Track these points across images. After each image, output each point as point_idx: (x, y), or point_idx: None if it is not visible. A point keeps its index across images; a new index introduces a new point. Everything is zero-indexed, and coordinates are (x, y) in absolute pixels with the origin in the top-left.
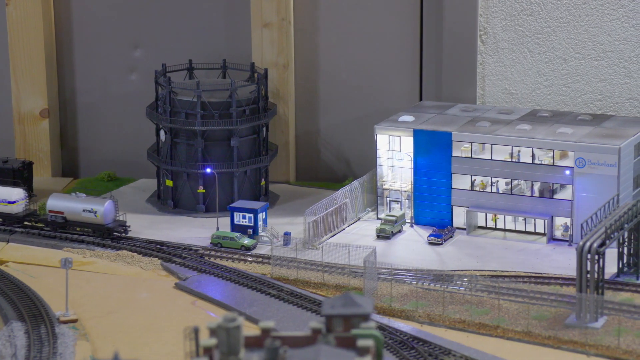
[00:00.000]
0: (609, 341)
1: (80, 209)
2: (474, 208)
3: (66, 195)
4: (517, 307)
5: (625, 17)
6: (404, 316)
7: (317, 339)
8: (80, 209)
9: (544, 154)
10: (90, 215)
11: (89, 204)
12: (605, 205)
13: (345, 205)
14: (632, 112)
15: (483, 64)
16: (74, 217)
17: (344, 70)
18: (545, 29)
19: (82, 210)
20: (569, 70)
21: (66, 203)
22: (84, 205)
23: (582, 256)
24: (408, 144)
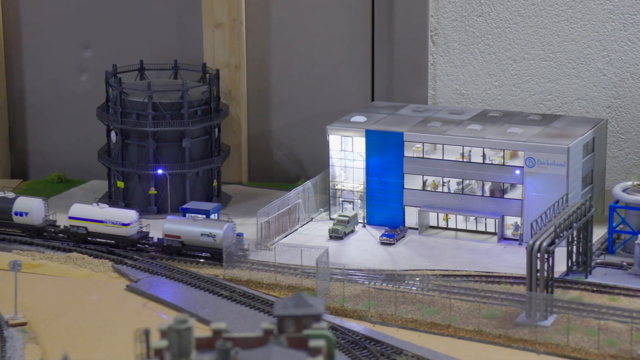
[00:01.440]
0: (559, 339)
1: (198, 233)
2: (425, 208)
3: (182, 219)
4: (468, 306)
5: (574, 18)
6: (356, 316)
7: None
8: (199, 232)
9: (495, 154)
10: (208, 240)
11: (207, 227)
12: (555, 204)
13: (298, 206)
14: (581, 112)
15: (434, 64)
16: (191, 242)
17: (296, 70)
18: (495, 30)
19: (200, 235)
20: (519, 71)
21: (184, 227)
22: (203, 229)
23: (532, 255)
24: (360, 145)
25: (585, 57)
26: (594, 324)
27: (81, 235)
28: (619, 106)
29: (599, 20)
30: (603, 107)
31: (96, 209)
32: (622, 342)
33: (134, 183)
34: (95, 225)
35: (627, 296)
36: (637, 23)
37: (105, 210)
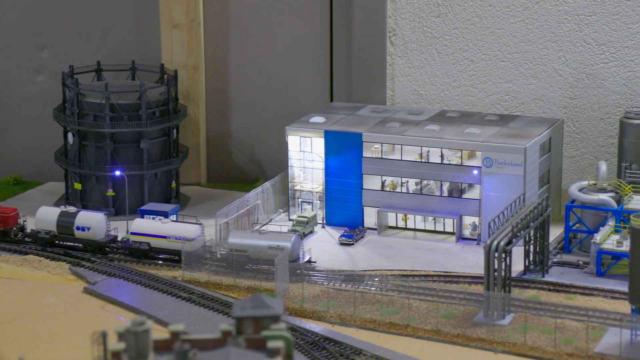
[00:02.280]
0: (516, 338)
1: (265, 246)
2: (384, 208)
3: (247, 232)
4: (426, 306)
5: (530, 19)
6: (315, 317)
7: (227, 341)
8: (266, 246)
9: (453, 154)
10: (276, 253)
11: (274, 240)
12: (512, 204)
13: (257, 207)
14: (538, 112)
15: (392, 65)
16: (257, 255)
17: (255, 71)
18: (453, 31)
19: (267, 247)
20: (476, 72)
21: (250, 241)
22: (270, 242)
23: (490, 255)
24: (319, 145)
25: (542, 57)
26: (550, 322)
27: (143, 251)
28: (574, 106)
29: (555, 21)
30: (559, 108)
31: (159, 224)
32: (578, 341)
33: (92, 185)
34: (158, 240)
35: (583, 295)
36: (593, 24)
37: (169, 225)
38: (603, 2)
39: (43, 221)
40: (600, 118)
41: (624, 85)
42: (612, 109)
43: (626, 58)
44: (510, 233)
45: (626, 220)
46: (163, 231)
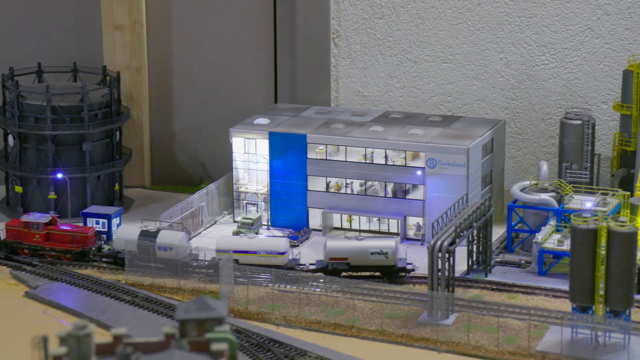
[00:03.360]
0: (459, 337)
1: (367, 252)
2: (329, 209)
3: (345, 239)
4: (371, 306)
5: (472, 21)
6: (260, 318)
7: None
8: (368, 251)
9: (397, 155)
10: (379, 258)
11: (377, 244)
12: (455, 204)
13: (202, 209)
14: (480, 113)
15: (337, 66)
16: (359, 262)
17: (199, 73)
18: (396, 32)
19: (370, 253)
20: (420, 73)
21: (350, 247)
22: (372, 247)
23: (433, 255)
24: (263, 147)
25: (484, 59)
26: (493, 321)
27: None
28: (516, 107)
29: (497, 23)
30: (501, 108)
31: (245, 240)
32: (520, 339)
33: (33, 187)
34: (248, 257)
35: (525, 294)
36: (533, 26)
37: (256, 240)
38: (543, 4)
39: (123, 241)
40: (541, 119)
41: (564, 86)
42: (553, 110)
43: (566, 59)
44: (453, 233)
45: (567, 220)
46: (252, 246)
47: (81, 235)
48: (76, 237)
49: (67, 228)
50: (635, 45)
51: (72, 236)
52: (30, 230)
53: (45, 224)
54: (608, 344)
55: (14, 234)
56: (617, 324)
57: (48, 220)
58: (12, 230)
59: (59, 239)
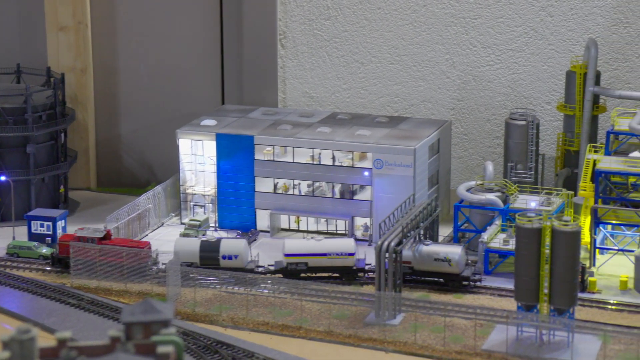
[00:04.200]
0: (406, 337)
1: (431, 258)
2: (277, 211)
3: None
4: (319, 307)
5: (418, 22)
6: (207, 320)
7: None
8: (432, 257)
9: (344, 156)
10: (442, 264)
11: (442, 251)
12: (402, 204)
13: (148, 211)
14: (426, 113)
15: (284, 67)
16: (423, 267)
17: (145, 74)
18: (343, 34)
19: (433, 259)
20: (367, 74)
21: (414, 252)
22: (436, 254)
23: (381, 255)
24: (211, 148)
25: (430, 60)
26: (440, 321)
27: (300, 271)
28: (462, 108)
29: (442, 25)
30: (447, 109)
31: (314, 242)
32: (466, 338)
33: None
34: (317, 259)
35: (472, 293)
36: (478, 27)
37: (324, 242)
38: (488, 6)
39: (183, 253)
40: (486, 119)
41: (508, 87)
42: (498, 110)
43: (510, 60)
44: (400, 233)
45: (512, 219)
46: (321, 249)
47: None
48: (132, 252)
49: (122, 241)
50: (577, 47)
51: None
52: None
53: (99, 238)
54: (552, 342)
55: (67, 249)
56: (561, 322)
57: (103, 235)
58: (66, 246)
59: (112, 254)
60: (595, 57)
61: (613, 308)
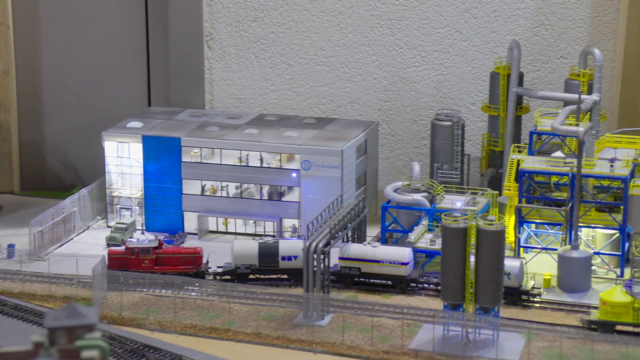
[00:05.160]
0: (335, 338)
1: None
2: (205, 213)
3: None
4: (247, 309)
5: (344, 24)
6: (134, 324)
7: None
8: None
9: (272, 158)
10: None
11: None
12: (330, 205)
13: (74, 214)
14: (354, 115)
15: (211, 69)
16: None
17: (69, 76)
18: (270, 35)
19: None
20: (294, 75)
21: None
22: None
23: (309, 256)
24: (137, 151)
25: (357, 61)
26: (367, 321)
27: (354, 276)
28: (389, 109)
29: (368, 26)
30: (374, 110)
31: (369, 248)
32: (394, 338)
33: None
34: (370, 265)
35: (399, 293)
36: (404, 28)
37: (380, 249)
38: (413, 7)
39: (241, 256)
40: (413, 120)
41: (434, 88)
42: (424, 111)
43: (436, 62)
44: (328, 234)
45: (438, 219)
46: (375, 255)
47: (194, 256)
48: (189, 258)
49: (177, 250)
50: (501, 48)
51: (185, 258)
52: (138, 257)
53: (154, 248)
54: (478, 340)
55: (118, 263)
56: (486, 320)
57: (157, 244)
58: (116, 259)
59: (170, 262)
60: (518, 59)
61: (537, 306)
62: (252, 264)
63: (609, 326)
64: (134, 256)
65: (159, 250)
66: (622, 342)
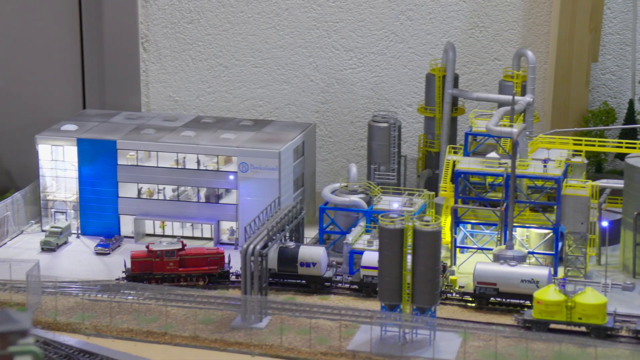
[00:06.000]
0: (273, 340)
1: (517, 279)
2: (141, 216)
3: (496, 264)
4: (184, 312)
5: (280, 26)
6: (70, 329)
7: None
8: (518, 278)
9: (209, 160)
10: (529, 286)
11: (529, 272)
12: (268, 207)
13: (7, 219)
14: (291, 117)
15: (146, 71)
16: (508, 289)
17: (2, 78)
18: (206, 37)
19: (520, 281)
20: (231, 77)
21: (500, 272)
22: (523, 275)
23: (246, 258)
24: (72, 154)
25: (294, 63)
26: (305, 323)
27: (375, 285)
28: (326, 111)
29: (305, 28)
30: (312, 112)
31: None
32: (331, 339)
33: None
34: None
35: (337, 294)
36: (340, 30)
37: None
38: (349, 10)
39: None
40: (350, 122)
41: (371, 89)
42: (361, 113)
43: (372, 63)
44: (266, 237)
45: (376, 220)
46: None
47: (218, 257)
48: (213, 259)
49: (200, 251)
50: (436, 50)
51: (210, 258)
52: (162, 259)
53: (178, 250)
54: (415, 341)
55: (142, 266)
56: (423, 320)
57: (180, 246)
58: (140, 262)
59: (194, 263)
60: (453, 60)
61: (473, 306)
62: (271, 268)
63: (543, 324)
64: (158, 259)
65: (182, 252)
66: (556, 340)
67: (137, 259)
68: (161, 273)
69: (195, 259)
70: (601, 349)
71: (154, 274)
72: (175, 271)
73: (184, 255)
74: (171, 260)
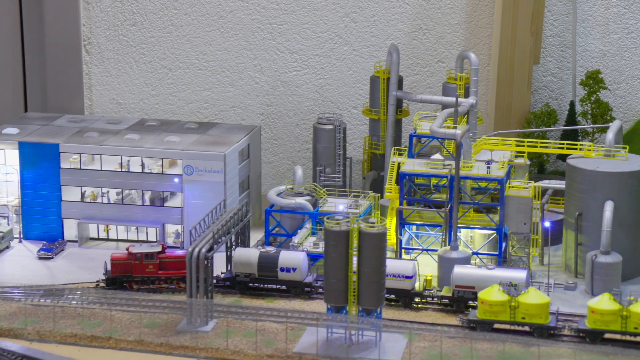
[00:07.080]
0: (219, 343)
1: (495, 282)
2: (85, 220)
3: (473, 267)
4: (129, 316)
5: (225, 28)
6: (12, 335)
7: None
8: (496, 282)
9: (154, 163)
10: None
11: (505, 275)
12: (213, 210)
13: None
14: (236, 119)
15: (89, 74)
16: None
17: None
18: (150, 39)
19: (498, 283)
20: (175, 80)
21: (478, 276)
22: (500, 278)
23: (192, 262)
24: (13, 157)
25: (238, 65)
26: (252, 325)
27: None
28: (271, 113)
29: (249, 30)
30: (257, 115)
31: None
32: (278, 342)
33: None
34: None
35: (283, 297)
36: (284, 33)
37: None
38: (293, 12)
39: (241, 264)
40: (295, 124)
41: (316, 92)
42: (307, 115)
43: (317, 66)
44: (211, 239)
45: (321, 222)
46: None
47: None
48: None
49: (181, 254)
50: (380, 52)
51: None
52: (142, 262)
53: (158, 253)
54: (361, 342)
55: (122, 268)
56: (369, 322)
57: (161, 249)
58: (120, 264)
59: (174, 266)
60: (397, 63)
61: (419, 306)
62: (251, 273)
63: (487, 324)
64: (138, 261)
65: (162, 255)
66: (500, 340)
67: (117, 261)
68: (141, 275)
69: (175, 262)
70: (544, 347)
71: (134, 277)
72: (154, 274)
73: (163, 258)
74: (151, 263)
